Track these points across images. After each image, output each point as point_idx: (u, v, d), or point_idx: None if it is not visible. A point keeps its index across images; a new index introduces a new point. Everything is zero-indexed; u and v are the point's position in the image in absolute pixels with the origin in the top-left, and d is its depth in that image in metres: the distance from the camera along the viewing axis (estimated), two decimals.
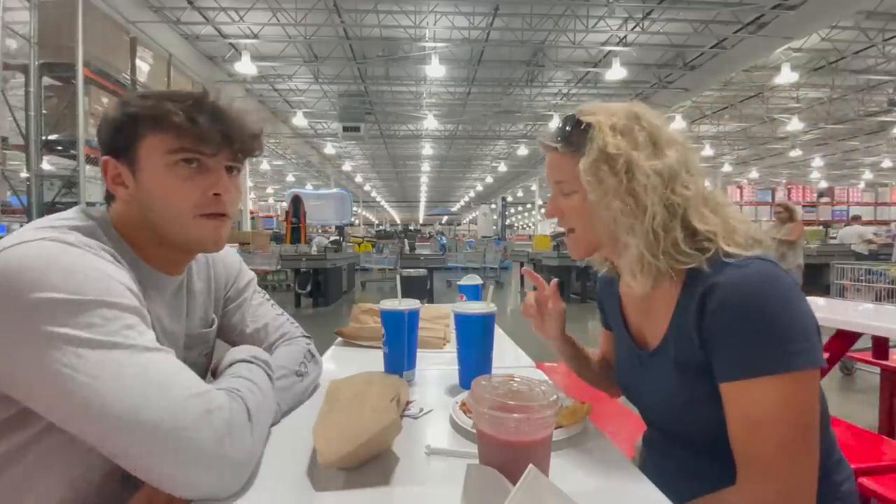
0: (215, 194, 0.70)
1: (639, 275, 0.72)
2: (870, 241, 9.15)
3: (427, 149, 17.83)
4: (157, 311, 0.72)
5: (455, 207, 37.20)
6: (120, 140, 0.68)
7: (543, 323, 0.98)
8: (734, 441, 0.66)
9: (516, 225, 37.35)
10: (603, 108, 0.77)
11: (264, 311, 0.97)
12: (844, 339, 2.12)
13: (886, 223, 15.62)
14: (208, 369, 0.88)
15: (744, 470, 0.65)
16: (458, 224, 38.04)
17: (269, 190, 25.07)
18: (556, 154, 0.79)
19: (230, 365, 0.73)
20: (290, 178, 21.63)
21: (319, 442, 0.62)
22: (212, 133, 0.68)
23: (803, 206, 15.51)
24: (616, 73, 8.20)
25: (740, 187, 16.57)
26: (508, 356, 1.28)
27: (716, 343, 0.67)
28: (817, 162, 17.70)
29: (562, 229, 0.85)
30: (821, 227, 14.18)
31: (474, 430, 0.58)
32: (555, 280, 0.96)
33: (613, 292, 0.92)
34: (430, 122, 12.65)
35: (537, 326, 1.00)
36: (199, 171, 0.69)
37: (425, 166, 21.82)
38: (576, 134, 0.76)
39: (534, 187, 23.52)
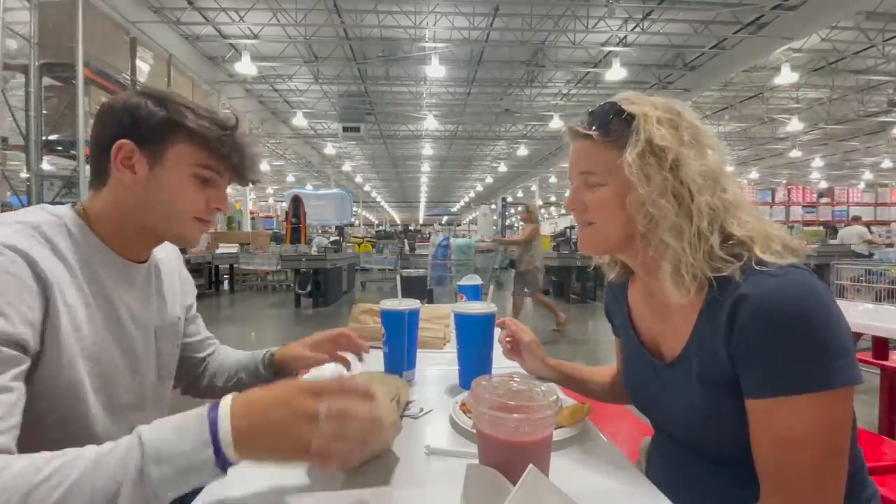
0: (216, 207, 0.79)
1: (687, 280, 0.66)
2: (870, 242, 9.15)
3: (427, 149, 17.82)
4: (125, 298, 0.76)
5: (455, 208, 37.19)
6: (154, 134, 0.72)
7: (526, 362, 1.02)
8: (761, 459, 0.62)
9: (516, 225, 37.30)
10: (646, 100, 0.72)
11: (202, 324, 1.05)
12: None
13: (886, 223, 15.60)
14: (176, 363, 0.90)
15: (769, 487, 0.62)
16: (458, 224, 38.01)
17: (269, 190, 25.06)
18: (588, 143, 0.73)
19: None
20: (290, 178, 21.62)
21: None
22: (236, 160, 0.78)
23: (803, 206, 15.48)
24: (616, 73, 8.20)
25: (740, 188, 16.50)
26: None
27: (746, 357, 0.62)
28: (817, 162, 17.69)
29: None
30: (821, 228, 14.17)
31: (474, 430, 0.58)
32: (508, 319, 1.02)
33: (621, 299, 0.88)
34: (430, 123, 12.64)
35: (523, 367, 1.04)
36: (209, 185, 0.77)
37: (425, 166, 21.81)
38: (617, 123, 0.70)
39: (534, 187, 23.51)
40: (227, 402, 0.53)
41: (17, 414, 0.56)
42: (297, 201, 10.72)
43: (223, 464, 0.52)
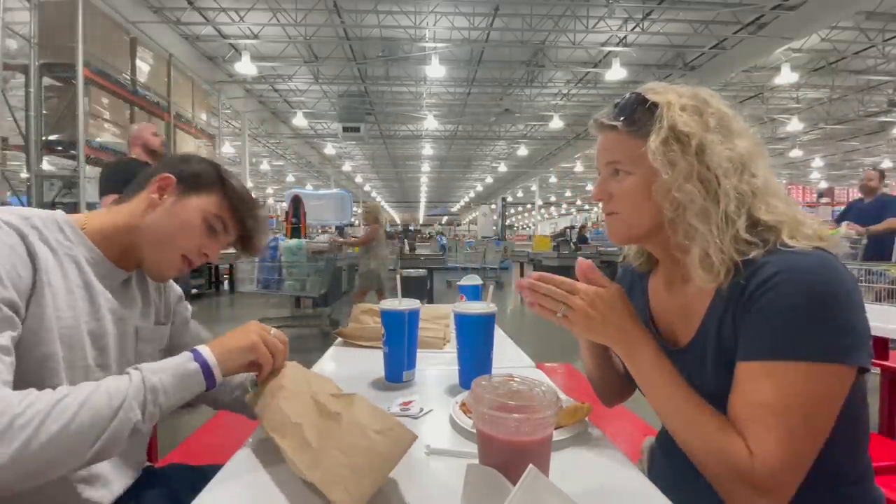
0: (204, 254, 0.85)
1: (717, 264, 0.66)
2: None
3: (427, 149, 17.83)
4: (107, 294, 0.79)
5: (455, 208, 37.21)
6: (199, 180, 0.84)
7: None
8: (740, 418, 0.62)
9: (516, 225, 37.35)
10: (671, 88, 0.73)
11: (201, 329, 1.03)
12: None
13: None
14: None
15: (749, 435, 0.61)
16: (458, 224, 38.04)
17: (269, 190, 25.08)
18: (613, 133, 0.74)
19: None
20: (290, 178, 21.63)
21: (337, 493, 0.55)
22: (248, 226, 0.89)
23: (803, 206, 15.48)
24: (616, 73, 8.20)
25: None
26: (508, 356, 1.28)
27: (755, 316, 0.62)
28: (817, 162, 17.70)
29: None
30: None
31: (474, 430, 0.58)
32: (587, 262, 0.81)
33: (639, 290, 0.88)
34: (430, 123, 12.65)
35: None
36: (213, 236, 0.85)
37: (425, 166, 21.82)
38: (640, 112, 0.71)
39: (534, 187, 23.52)
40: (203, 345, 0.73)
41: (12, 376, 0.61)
42: (297, 201, 10.71)
43: (207, 372, 0.70)
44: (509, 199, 25.82)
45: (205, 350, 0.72)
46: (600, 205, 0.81)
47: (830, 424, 0.60)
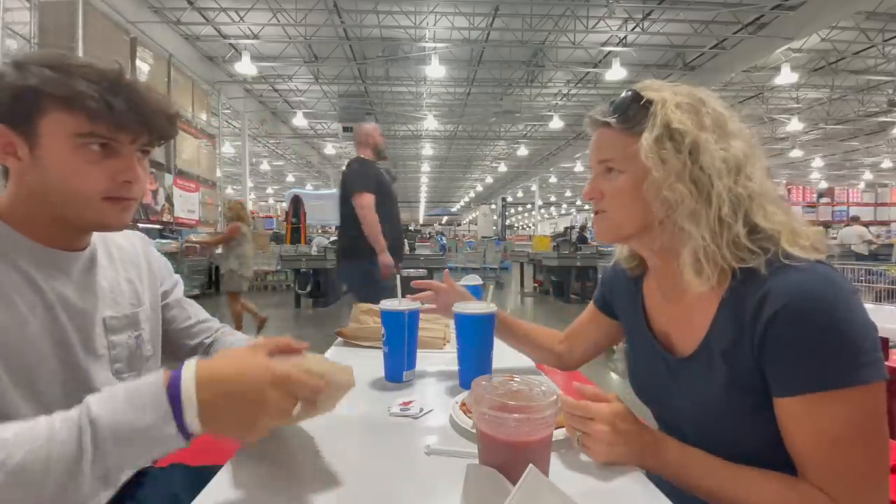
0: (127, 182, 0.67)
1: (707, 268, 0.65)
2: (870, 242, 9.16)
3: (427, 149, 17.83)
4: (59, 289, 0.68)
5: (455, 208, 37.18)
6: (17, 110, 0.62)
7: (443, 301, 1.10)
8: (803, 457, 0.60)
9: (516, 225, 37.34)
10: (667, 86, 0.72)
11: (198, 308, 0.98)
12: None
13: (886, 223, 15.61)
14: (145, 355, 0.82)
15: (813, 478, 0.60)
16: (458, 224, 38.01)
17: (269, 190, 25.08)
18: (607, 130, 0.73)
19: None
20: (290, 178, 21.63)
21: None
22: (129, 118, 0.65)
23: (803, 206, 15.47)
24: (616, 73, 8.20)
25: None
26: (508, 356, 1.28)
27: (774, 354, 0.61)
28: (817, 162, 17.69)
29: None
30: (820, 228, 14.14)
31: (474, 430, 0.58)
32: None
33: (634, 293, 0.87)
34: (430, 123, 12.66)
35: (441, 307, 1.11)
36: (109, 154, 0.65)
37: (425, 166, 21.81)
38: (635, 109, 0.70)
39: (534, 187, 23.51)
40: (190, 375, 0.53)
41: None
42: (297, 201, 10.74)
43: (186, 436, 0.53)
44: (509, 199, 25.82)
45: (191, 413, 0.51)
46: None
47: (888, 438, 0.60)
